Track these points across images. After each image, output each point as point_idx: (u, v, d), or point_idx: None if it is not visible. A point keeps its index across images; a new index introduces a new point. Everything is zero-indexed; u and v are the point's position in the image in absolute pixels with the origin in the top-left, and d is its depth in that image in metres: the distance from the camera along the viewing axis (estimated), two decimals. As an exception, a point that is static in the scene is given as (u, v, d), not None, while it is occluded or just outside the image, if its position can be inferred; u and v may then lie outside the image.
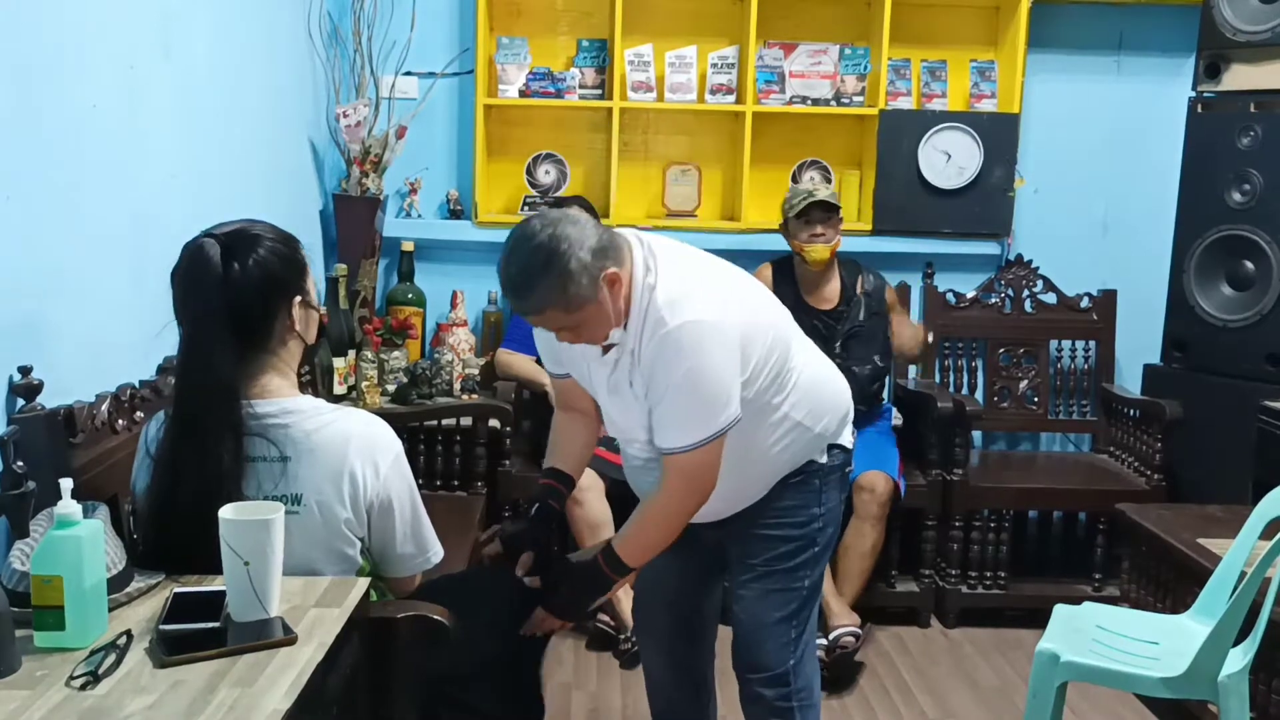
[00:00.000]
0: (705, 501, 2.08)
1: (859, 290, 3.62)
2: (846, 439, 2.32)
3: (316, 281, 3.79)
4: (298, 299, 1.84)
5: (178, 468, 1.75)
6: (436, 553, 1.98)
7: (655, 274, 2.01)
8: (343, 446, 1.80)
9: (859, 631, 3.37)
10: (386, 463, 1.85)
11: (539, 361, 2.81)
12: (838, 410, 2.28)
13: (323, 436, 1.80)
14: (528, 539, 2.21)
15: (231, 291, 1.75)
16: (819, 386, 2.25)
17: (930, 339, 3.87)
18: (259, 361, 1.82)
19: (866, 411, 3.61)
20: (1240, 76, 3.75)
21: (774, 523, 2.26)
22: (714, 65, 4.07)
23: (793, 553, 2.27)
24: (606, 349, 2.07)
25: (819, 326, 3.50)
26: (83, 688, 1.38)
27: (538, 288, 1.92)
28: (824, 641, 3.30)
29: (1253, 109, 3.73)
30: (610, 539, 2.18)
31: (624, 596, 3.29)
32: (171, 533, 1.76)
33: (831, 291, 3.63)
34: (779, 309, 2.25)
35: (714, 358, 1.98)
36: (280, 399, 1.81)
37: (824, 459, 2.26)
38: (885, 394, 3.81)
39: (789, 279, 3.62)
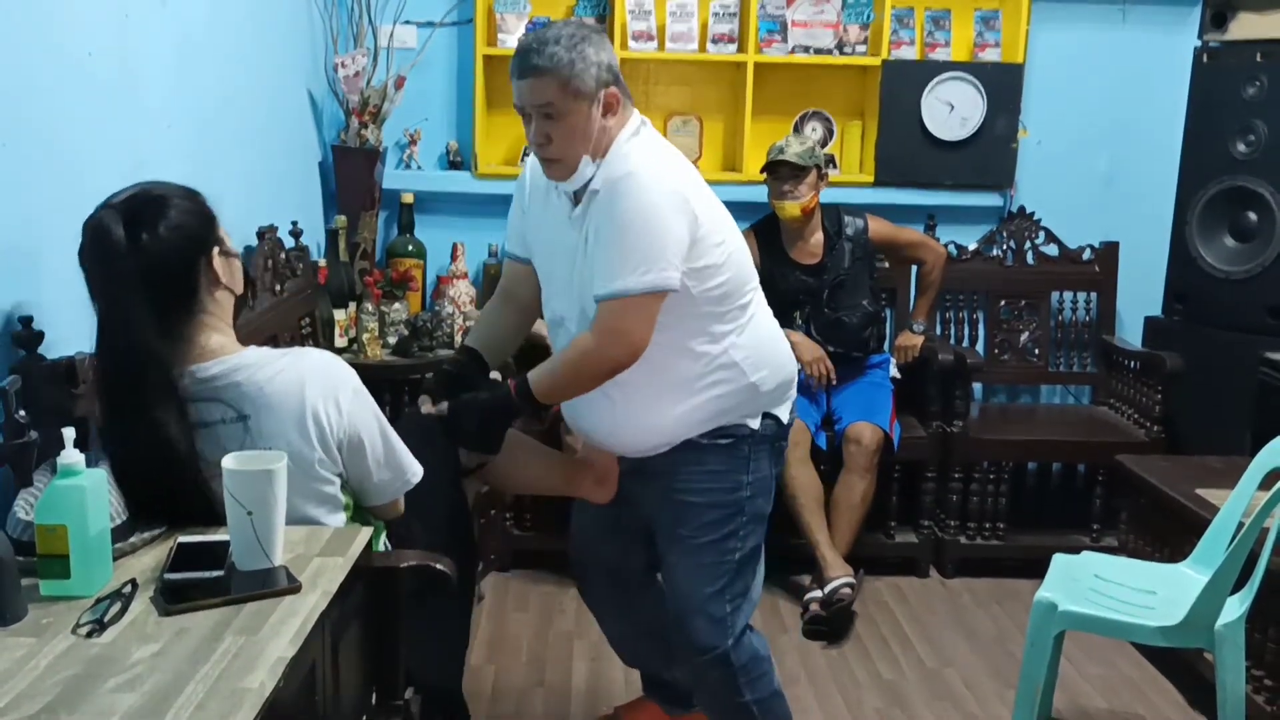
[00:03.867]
0: (627, 361, 2.07)
1: (841, 238, 3.61)
2: (784, 413, 2.30)
3: (315, 233, 3.78)
4: (215, 250, 1.80)
5: (124, 445, 1.72)
6: (415, 472, 1.94)
7: (639, 137, 2.10)
8: (300, 391, 1.77)
9: (854, 582, 3.40)
10: (347, 398, 1.82)
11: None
12: (777, 370, 2.26)
13: (278, 386, 1.76)
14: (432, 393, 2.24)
15: (146, 260, 1.69)
16: (764, 339, 2.25)
17: (920, 335, 3.86)
18: (191, 324, 1.77)
19: (861, 359, 3.62)
20: (1247, 25, 3.71)
21: (700, 488, 2.25)
22: (715, 14, 4.03)
23: (719, 521, 2.25)
24: (578, 201, 2.12)
25: (807, 281, 3.50)
26: (88, 635, 1.40)
27: (551, 50, 2.00)
28: (820, 594, 3.33)
29: (1259, 59, 3.70)
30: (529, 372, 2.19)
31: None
32: (139, 503, 1.72)
33: (816, 245, 3.63)
34: (745, 248, 2.25)
35: (659, 209, 2.02)
36: (224, 357, 1.78)
37: (755, 424, 2.25)
38: (885, 344, 3.81)
39: (773, 238, 3.62)
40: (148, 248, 1.70)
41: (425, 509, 2.04)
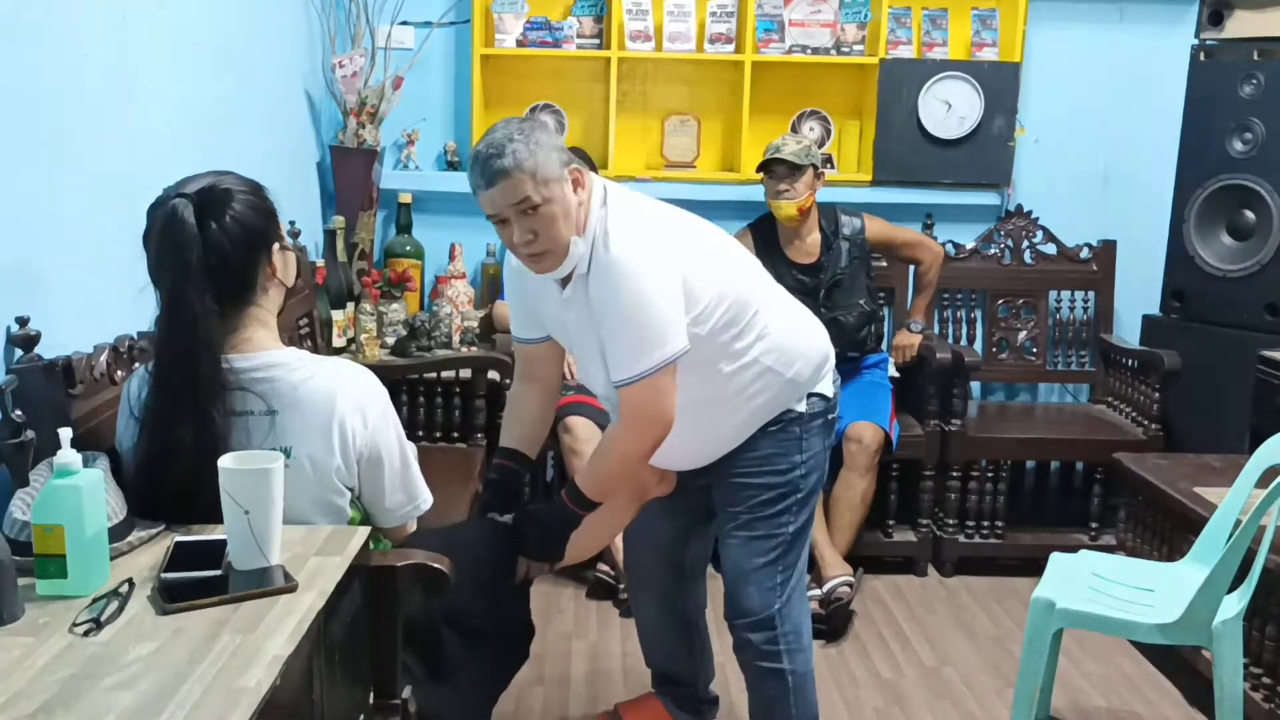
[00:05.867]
0: (662, 436, 2.10)
1: (838, 238, 3.62)
2: (826, 388, 2.33)
3: (313, 233, 3.78)
4: (275, 246, 1.83)
5: (174, 431, 1.73)
6: (426, 499, 1.98)
7: (607, 206, 2.08)
8: (330, 398, 1.80)
9: (853, 581, 3.41)
10: (375, 413, 1.85)
11: None
12: (811, 357, 2.29)
13: (309, 389, 1.79)
14: (495, 508, 2.28)
15: (211, 251, 1.72)
16: (790, 333, 2.27)
17: (918, 334, 3.86)
18: (242, 315, 1.80)
19: (858, 359, 3.63)
20: (1243, 23, 3.72)
21: (755, 471, 2.29)
22: (713, 14, 4.04)
23: (774, 500, 2.30)
24: (565, 282, 2.11)
25: (804, 281, 3.51)
26: (85, 634, 1.40)
27: (511, 148, 1.97)
28: (819, 593, 3.33)
29: (1255, 57, 3.70)
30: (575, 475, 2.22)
31: (622, 545, 3.30)
32: (168, 491, 1.75)
33: (813, 245, 3.63)
34: (739, 257, 2.27)
35: (652, 289, 2.02)
36: (264, 352, 1.80)
37: (803, 407, 2.28)
38: (883, 342, 3.82)
39: (770, 237, 3.62)
40: (214, 239, 1.73)
41: (491, 605, 2.13)
